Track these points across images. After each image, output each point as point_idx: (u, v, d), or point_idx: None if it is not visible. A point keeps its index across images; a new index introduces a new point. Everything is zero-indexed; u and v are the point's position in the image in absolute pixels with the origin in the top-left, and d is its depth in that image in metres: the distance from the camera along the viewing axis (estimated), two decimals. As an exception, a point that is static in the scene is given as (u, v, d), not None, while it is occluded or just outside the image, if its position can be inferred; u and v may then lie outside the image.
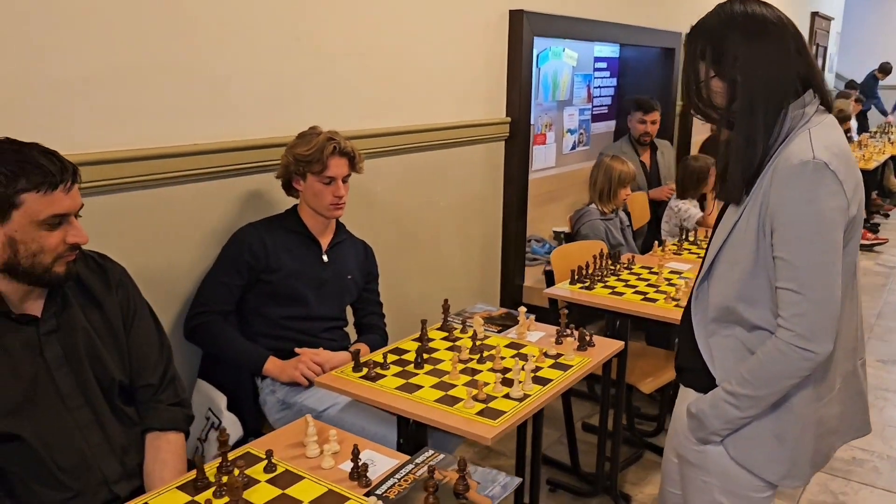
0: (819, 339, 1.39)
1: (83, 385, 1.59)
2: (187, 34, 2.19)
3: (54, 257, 1.49)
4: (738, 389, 1.47)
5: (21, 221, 1.44)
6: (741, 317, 1.49)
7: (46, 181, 1.44)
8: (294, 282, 2.33)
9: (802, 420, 1.51)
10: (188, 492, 1.42)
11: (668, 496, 1.87)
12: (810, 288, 1.38)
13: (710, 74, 1.50)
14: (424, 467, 1.49)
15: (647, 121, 4.48)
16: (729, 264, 1.49)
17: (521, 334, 2.22)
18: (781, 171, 1.40)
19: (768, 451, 1.52)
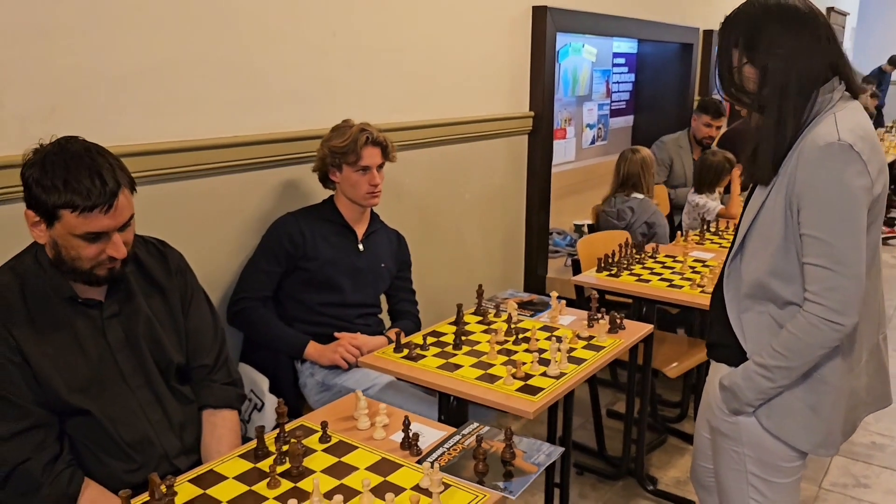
0: (847, 313, 1.46)
1: (143, 366, 1.67)
2: (229, 31, 2.27)
3: (92, 265, 1.55)
4: (769, 361, 1.54)
5: (61, 231, 1.51)
6: (774, 293, 1.56)
7: (83, 204, 1.48)
8: (330, 269, 2.41)
9: (836, 391, 1.58)
10: (249, 459, 1.50)
11: (699, 470, 1.94)
12: (839, 264, 1.45)
13: (743, 61, 1.56)
14: (471, 438, 1.56)
15: (714, 125, 4.51)
16: (761, 242, 1.56)
17: (554, 318, 2.29)
18: (808, 153, 1.47)
19: (803, 422, 1.58)
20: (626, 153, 3.85)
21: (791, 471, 1.65)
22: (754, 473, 1.66)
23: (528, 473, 1.46)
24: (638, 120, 5.79)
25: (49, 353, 1.54)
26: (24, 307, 1.54)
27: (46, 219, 1.50)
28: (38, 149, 1.52)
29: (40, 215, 1.50)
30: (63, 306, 1.58)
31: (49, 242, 1.53)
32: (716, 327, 1.71)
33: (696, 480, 2.00)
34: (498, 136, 3.59)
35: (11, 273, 1.58)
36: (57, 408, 1.54)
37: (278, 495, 1.37)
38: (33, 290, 1.56)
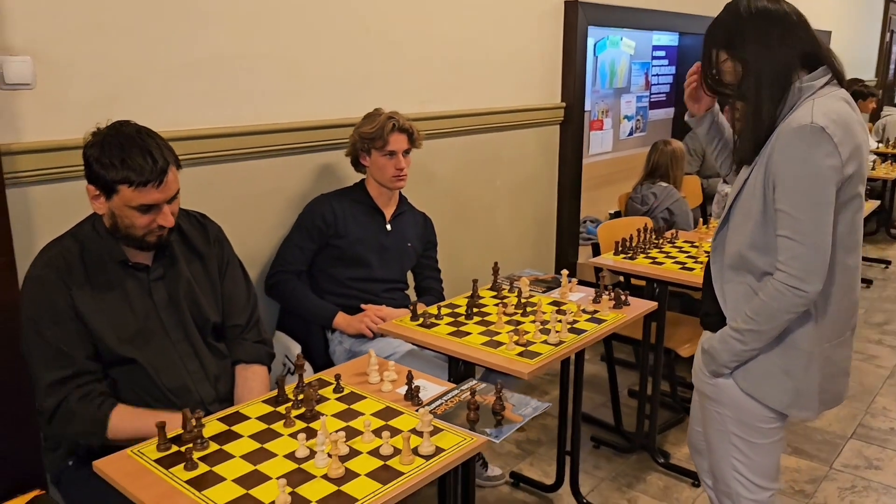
0: (809, 280, 1.60)
1: (183, 323, 1.90)
2: (270, 26, 2.49)
3: (144, 232, 1.77)
4: (742, 326, 1.68)
5: (118, 203, 1.73)
6: (752, 264, 1.69)
7: (138, 180, 1.70)
8: (359, 247, 2.61)
9: (807, 356, 1.71)
10: (270, 404, 1.72)
11: (694, 435, 2.09)
12: (803, 234, 1.59)
13: (723, 58, 1.71)
14: (468, 392, 1.74)
15: None
16: (742, 216, 1.70)
17: (564, 294, 2.45)
18: (784, 134, 1.61)
19: (775, 383, 1.72)
20: (657, 144, 3.96)
21: (769, 432, 1.78)
22: (735, 434, 1.80)
23: (514, 423, 1.63)
24: (679, 112, 5.85)
25: (102, 308, 1.77)
26: (83, 268, 1.78)
27: (105, 192, 1.73)
28: (96, 131, 1.76)
29: (100, 189, 1.73)
30: (116, 269, 1.81)
31: (107, 213, 1.76)
32: (706, 298, 1.85)
33: (691, 445, 2.14)
34: (529, 126, 3.75)
35: (73, 239, 1.82)
36: (108, 357, 1.78)
37: (292, 433, 1.58)
38: (91, 253, 1.80)
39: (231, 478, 1.41)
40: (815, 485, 2.86)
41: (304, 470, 1.44)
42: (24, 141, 1.97)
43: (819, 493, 2.81)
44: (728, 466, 1.86)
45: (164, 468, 1.44)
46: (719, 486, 1.92)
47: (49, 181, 2.03)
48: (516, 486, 2.84)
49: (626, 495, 2.78)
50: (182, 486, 1.39)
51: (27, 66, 1.94)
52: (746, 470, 1.84)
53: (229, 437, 1.57)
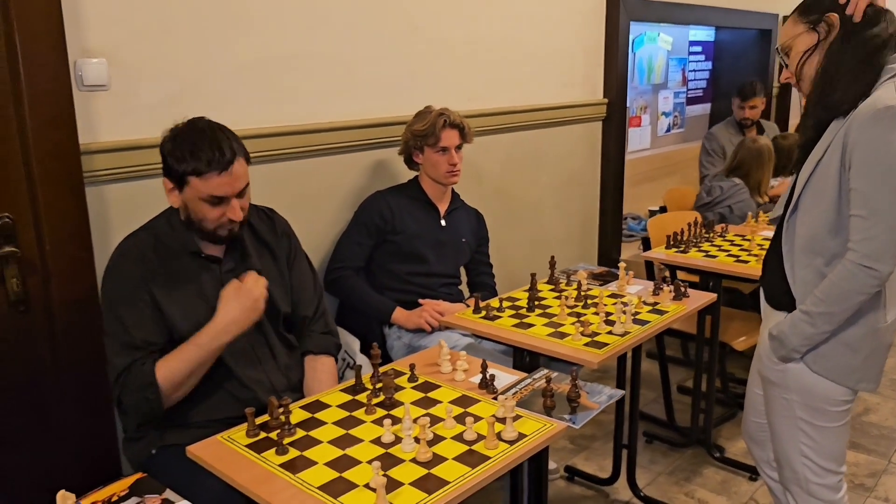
0: (882, 259, 1.60)
1: (255, 314, 1.93)
2: (325, 28, 2.53)
3: (215, 226, 1.82)
4: (812, 309, 1.68)
5: (189, 195, 1.78)
6: (824, 246, 1.69)
7: (206, 170, 1.74)
8: (416, 242, 2.64)
9: (873, 332, 1.72)
10: (349, 393, 1.75)
11: (751, 425, 2.10)
12: (878, 214, 1.59)
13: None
14: (541, 380, 1.76)
15: (746, 106, 4.57)
16: (815, 198, 1.70)
17: (622, 287, 2.46)
18: (864, 114, 1.61)
19: (845, 361, 1.72)
20: (746, 140, 3.89)
21: (837, 415, 1.78)
22: (803, 419, 1.80)
23: (591, 409, 1.65)
24: (715, 107, 5.83)
25: (177, 299, 1.81)
26: (157, 260, 1.82)
27: (178, 185, 1.78)
28: (174, 127, 1.80)
29: (173, 182, 1.78)
30: (189, 260, 1.86)
31: (181, 206, 1.81)
32: (772, 278, 1.84)
33: (747, 435, 2.14)
34: (572, 123, 3.76)
35: (147, 232, 1.87)
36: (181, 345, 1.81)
37: (374, 419, 1.61)
38: (165, 246, 1.84)
39: (322, 461, 1.44)
40: (875, 478, 2.84)
41: (391, 454, 1.46)
42: (100, 140, 2.02)
43: (880, 486, 2.79)
44: (796, 452, 1.86)
45: (255, 453, 1.48)
46: (786, 474, 1.92)
47: (122, 179, 2.08)
48: (571, 480, 2.85)
49: (683, 489, 2.78)
50: (276, 469, 1.42)
51: (103, 68, 1.99)
52: (814, 454, 1.83)
53: (313, 424, 1.60)
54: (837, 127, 1.69)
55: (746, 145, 3.81)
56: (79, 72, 1.95)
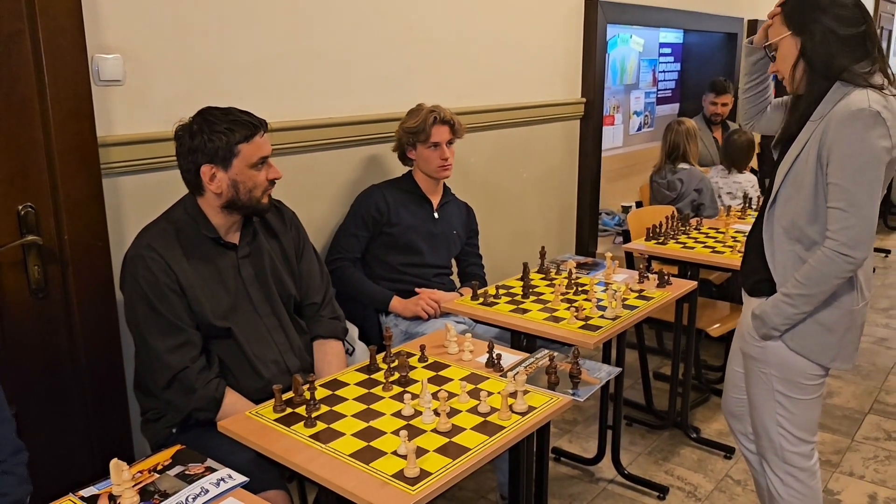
0: (859, 248, 1.76)
1: (269, 298, 2.03)
2: (322, 28, 2.62)
3: (262, 190, 1.93)
4: (792, 291, 1.84)
5: (239, 166, 1.88)
6: (802, 233, 1.85)
7: (252, 132, 1.89)
8: (410, 234, 2.75)
9: (850, 314, 1.87)
10: (364, 372, 1.85)
11: (731, 401, 2.25)
12: (856, 206, 1.74)
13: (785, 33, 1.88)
14: (544, 359, 1.89)
15: (718, 102, 4.76)
16: (794, 188, 1.85)
17: (608, 275, 2.60)
18: (841, 115, 1.76)
19: (821, 341, 1.88)
20: (672, 124, 4.02)
21: (810, 389, 1.94)
22: (780, 391, 1.95)
23: (593, 384, 1.78)
24: (684, 107, 6.03)
25: (199, 284, 1.90)
26: (179, 247, 1.90)
27: (224, 163, 1.87)
28: (187, 123, 1.90)
29: (217, 164, 1.87)
30: (209, 247, 1.94)
31: (226, 187, 1.89)
32: (752, 264, 2.00)
33: (727, 410, 2.29)
34: (553, 121, 3.90)
35: (167, 221, 1.95)
36: (205, 329, 1.90)
37: (392, 396, 1.72)
38: (185, 233, 1.93)
39: (349, 433, 1.55)
40: (840, 455, 3.02)
41: (413, 426, 1.57)
42: (116, 134, 2.09)
43: (845, 462, 2.97)
44: (772, 423, 2.01)
45: (285, 426, 1.58)
46: (763, 443, 2.07)
47: (136, 171, 2.15)
48: (558, 461, 2.99)
49: (662, 467, 2.94)
50: (307, 440, 1.52)
51: (118, 63, 2.07)
52: (789, 425, 1.99)
53: (335, 401, 1.70)
54: (812, 128, 1.84)
55: (675, 129, 3.97)
56: (95, 67, 2.02)
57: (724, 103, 4.75)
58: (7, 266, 1.88)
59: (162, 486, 1.38)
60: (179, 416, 1.88)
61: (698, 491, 2.78)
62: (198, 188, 1.92)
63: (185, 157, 1.89)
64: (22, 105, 1.87)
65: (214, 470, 1.44)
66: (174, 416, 1.90)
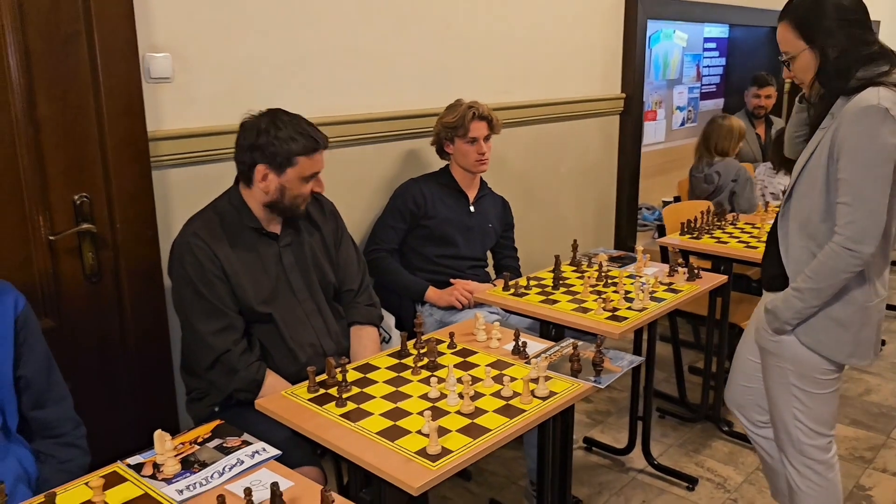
0: (865, 242, 1.78)
1: (309, 284, 2.13)
2: (363, 25, 2.71)
3: (303, 200, 2.03)
4: (801, 285, 1.87)
5: (291, 176, 1.98)
6: (817, 228, 1.87)
7: (313, 148, 1.98)
8: (446, 227, 2.83)
9: (862, 310, 1.89)
10: (395, 357, 1.94)
11: (737, 390, 2.28)
12: (862, 201, 1.77)
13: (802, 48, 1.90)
14: (568, 348, 1.94)
15: (762, 95, 4.72)
16: (807, 186, 1.88)
17: (639, 269, 2.64)
18: (851, 112, 1.79)
19: (834, 337, 1.90)
20: (716, 119, 4.02)
21: (826, 383, 1.96)
22: (796, 385, 1.97)
23: (614, 372, 1.84)
24: (728, 102, 5.98)
25: (242, 270, 2.00)
26: (224, 236, 2.01)
27: (279, 168, 1.96)
28: (253, 119, 2.00)
29: (274, 167, 1.96)
30: (251, 236, 2.05)
31: (274, 190, 1.99)
32: (771, 259, 2.03)
33: (732, 400, 2.31)
34: (591, 116, 3.93)
35: (213, 211, 2.06)
36: (247, 314, 2.01)
37: (420, 379, 1.80)
38: (229, 223, 2.03)
39: (377, 413, 1.64)
40: (874, 452, 3.01)
41: (438, 407, 1.65)
42: (164, 128, 2.21)
43: (878, 458, 2.96)
44: (789, 416, 2.03)
45: (317, 406, 1.67)
46: (780, 435, 2.09)
47: (183, 164, 2.27)
48: (589, 451, 3.04)
49: (693, 459, 2.96)
50: (337, 419, 1.61)
51: (167, 61, 2.18)
52: (806, 418, 2.01)
53: (366, 383, 1.79)
54: (827, 125, 1.87)
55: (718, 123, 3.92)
56: (146, 65, 2.14)
57: (767, 95, 4.70)
58: (64, 252, 2.01)
59: (201, 457, 1.48)
60: (221, 395, 1.99)
61: (728, 483, 2.80)
62: (248, 181, 2.02)
63: (245, 150, 1.99)
64: (78, 101, 1.99)
65: (250, 443, 1.54)
66: (216, 396, 2.01)
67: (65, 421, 1.63)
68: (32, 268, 1.95)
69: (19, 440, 1.58)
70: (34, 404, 1.60)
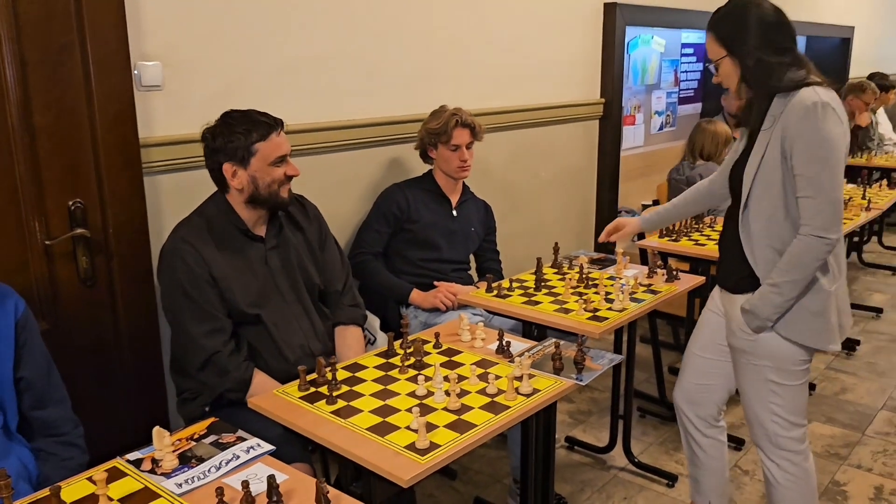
0: (832, 229, 1.89)
1: (295, 286, 2.19)
2: (348, 33, 2.78)
3: (279, 185, 2.08)
4: (778, 279, 1.95)
5: (257, 165, 2.04)
6: (782, 226, 1.96)
7: (269, 132, 2.04)
8: (430, 231, 2.89)
9: (830, 296, 1.99)
10: (382, 356, 2.00)
11: (690, 387, 2.35)
12: (823, 192, 1.88)
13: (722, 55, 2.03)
14: (551, 346, 2.01)
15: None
16: (764, 188, 1.97)
17: (619, 270, 2.72)
18: (797, 111, 1.89)
19: (812, 325, 1.99)
20: (702, 123, 4.10)
21: (801, 374, 2.05)
22: (773, 380, 2.05)
23: (595, 370, 1.91)
24: (706, 107, 6.09)
25: (230, 273, 2.06)
26: (212, 239, 2.06)
27: (243, 162, 2.02)
28: (214, 125, 2.07)
29: (237, 162, 2.02)
30: (238, 239, 2.10)
31: (247, 183, 2.04)
32: (732, 264, 2.10)
33: (684, 398, 2.36)
34: (572, 121, 4.02)
35: (199, 216, 2.11)
36: (236, 316, 2.06)
37: (407, 378, 1.86)
38: (217, 227, 2.08)
39: (367, 410, 1.70)
40: (849, 448, 3.11)
41: (425, 404, 1.71)
42: (156, 135, 2.26)
43: (853, 455, 3.06)
44: (766, 412, 2.11)
45: (308, 403, 1.73)
46: (756, 432, 2.17)
47: (173, 170, 2.32)
48: (571, 449, 3.11)
49: (673, 457, 3.04)
50: (328, 416, 1.67)
51: (158, 70, 2.23)
52: (783, 411, 2.09)
53: (355, 382, 1.85)
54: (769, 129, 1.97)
55: (703, 128, 4.03)
56: (138, 74, 2.19)
57: None
58: (59, 257, 2.05)
59: (198, 452, 1.54)
60: (213, 395, 2.04)
61: (706, 479, 2.88)
62: (223, 185, 2.08)
63: (209, 157, 2.07)
64: (72, 109, 2.03)
65: (244, 439, 1.59)
66: (208, 396, 2.06)
67: (65, 421, 1.68)
68: (29, 272, 1.99)
69: (20, 439, 1.62)
70: (35, 404, 1.65)
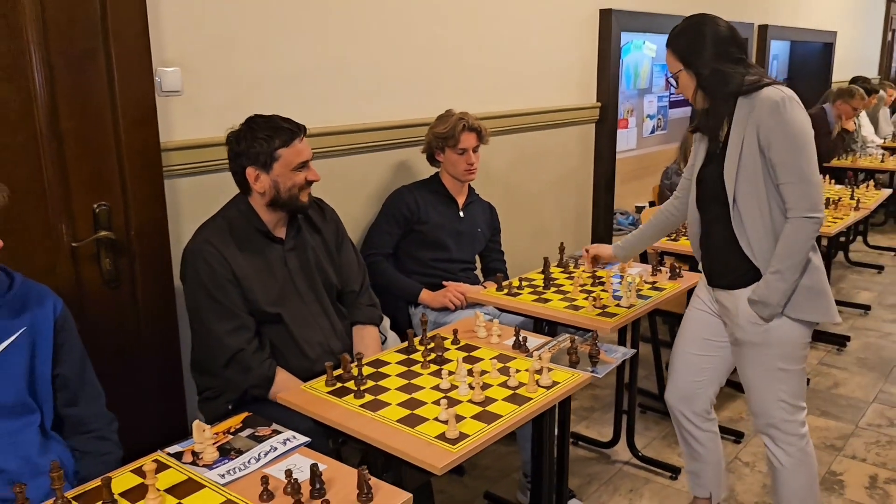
0: (818, 209, 2.00)
1: (313, 287, 2.24)
2: (356, 40, 2.84)
3: (300, 189, 2.14)
4: (779, 265, 2.03)
5: (279, 170, 2.09)
6: (771, 215, 2.05)
7: (290, 138, 2.10)
8: (439, 231, 2.95)
9: (821, 270, 2.10)
10: (402, 353, 2.06)
11: (685, 384, 2.39)
12: (803, 177, 1.99)
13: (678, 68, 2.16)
14: (565, 342, 2.08)
15: None
16: (749, 184, 2.06)
17: (623, 269, 2.79)
18: (767, 108, 2.00)
19: (818, 302, 2.09)
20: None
21: (803, 357, 2.15)
22: (781, 368, 2.13)
23: (609, 363, 1.98)
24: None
25: (251, 274, 2.11)
26: (233, 241, 2.12)
27: (266, 166, 2.08)
28: (236, 129, 2.13)
29: (260, 166, 2.08)
30: (259, 241, 2.16)
31: (269, 187, 2.10)
32: (724, 264, 2.18)
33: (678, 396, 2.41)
34: (569, 125, 4.10)
35: (222, 218, 2.16)
36: (257, 315, 2.11)
37: (430, 373, 1.92)
38: (238, 228, 2.14)
39: (395, 403, 1.76)
40: (843, 440, 3.20)
41: (450, 397, 1.78)
42: (175, 139, 2.31)
43: (847, 446, 3.15)
44: (773, 399, 2.19)
45: (337, 398, 1.78)
46: (762, 421, 2.24)
47: (192, 174, 2.37)
48: (576, 445, 3.18)
49: (676, 451, 3.12)
50: (358, 409, 1.73)
51: (177, 76, 2.28)
52: (788, 396, 2.17)
53: (379, 377, 1.91)
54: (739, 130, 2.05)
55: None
56: (158, 79, 2.24)
57: None
58: (85, 259, 2.10)
59: (236, 445, 1.59)
60: (237, 392, 2.09)
61: (708, 471, 2.96)
62: (245, 188, 2.14)
63: (233, 160, 2.12)
64: (96, 114, 2.08)
65: (280, 432, 1.65)
66: (232, 394, 2.11)
67: (98, 417, 1.73)
68: (57, 274, 2.04)
69: (56, 438, 1.67)
70: (68, 402, 1.69)
